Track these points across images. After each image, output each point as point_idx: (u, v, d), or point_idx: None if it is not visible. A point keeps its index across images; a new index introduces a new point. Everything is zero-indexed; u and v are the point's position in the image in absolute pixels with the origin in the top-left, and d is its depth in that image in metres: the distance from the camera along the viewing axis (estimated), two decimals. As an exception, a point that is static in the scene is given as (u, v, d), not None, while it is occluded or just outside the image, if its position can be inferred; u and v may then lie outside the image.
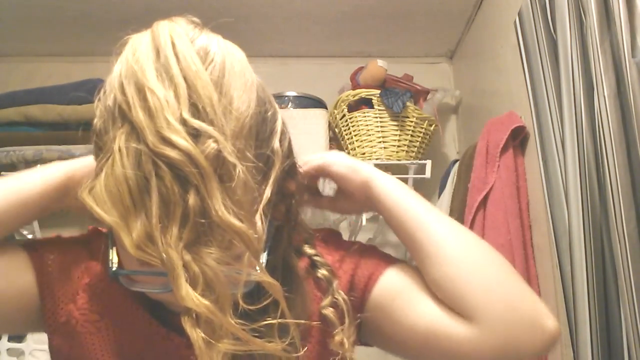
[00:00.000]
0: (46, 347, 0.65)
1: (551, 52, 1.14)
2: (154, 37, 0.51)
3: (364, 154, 1.81)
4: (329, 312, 0.64)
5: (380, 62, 1.83)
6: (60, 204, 0.63)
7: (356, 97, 1.82)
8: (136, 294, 0.62)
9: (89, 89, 2.06)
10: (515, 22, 1.31)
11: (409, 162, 1.79)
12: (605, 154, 0.94)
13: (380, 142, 1.80)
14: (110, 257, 0.54)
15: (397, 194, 0.68)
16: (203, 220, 0.44)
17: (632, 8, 0.92)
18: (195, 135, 0.45)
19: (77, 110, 1.80)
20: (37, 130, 1.84)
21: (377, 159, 1.78)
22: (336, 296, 0.65)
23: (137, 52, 0.50)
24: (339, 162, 0.71)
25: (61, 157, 1.77)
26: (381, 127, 1.81)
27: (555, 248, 1.11)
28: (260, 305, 0.49)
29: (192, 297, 0.43)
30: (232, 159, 0.46)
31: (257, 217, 0.49)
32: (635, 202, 0.89)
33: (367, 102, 1.82)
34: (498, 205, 1.35)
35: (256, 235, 0.47)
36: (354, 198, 0.72)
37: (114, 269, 0.53)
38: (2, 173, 1.85)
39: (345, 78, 1.94)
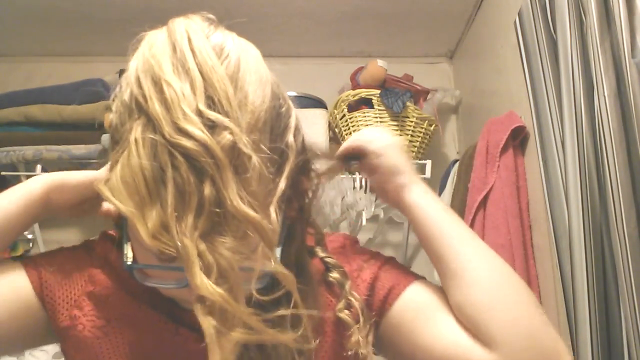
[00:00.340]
0: (46, 347, 0.65)
1: (551, 52, 1.14)
2: (170, 32, 0.51)
3: (364, 154, 1.81)
4: (344, 314, 0.63)
5: (380, 62, 1.83)
6: (45, 214, 0.64)
7: (356, 97, 1.82)
8: (143, 297, 0.62)
9: (88, 89, 2.06)
10: (515, 22, 1.31)
11: (408, 162, 1.79)
12: (605, 153, 0.94)
13: (380, 142, 1.80)
14: (125, 252, 0.54)
15: (429, 206, 0.67)
16: (218, 210, 0.44)
17: (632, 8, 0.92)
18: (211, 126, 0.45)
19: (77, 110, 1.80)
20: (37, 130, 1.84)
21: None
22: (349, 297, 0.64)
23: (153, 47, 0.50)
24: (379, 142, 0.71)
25: (61, 157, 1.77)
26: (381, 127, 1.81)
27: (555, 248, 1.11)
28: (273, 297, 0.49)
29: (206, 285, 0.43)
30: (247, 150, 0.46)
31: (272, 209, 0.49)
32: (635, 202, 0.89)
33: (367, 102, 1.82)
34: (498, 205, 1.35)
35: (270, 226, 0.47)
36: (387, 193, 0.71)
37: (128, 263, 0.53)
38: (2, 173, 1.86)
39: (345, 78, 1.94)
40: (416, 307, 0.65)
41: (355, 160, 0.74)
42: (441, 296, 0.65)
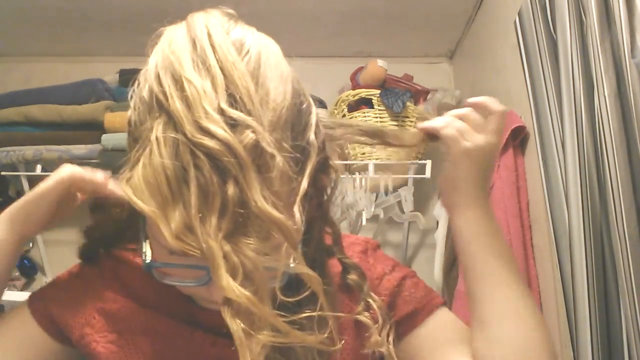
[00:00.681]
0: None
1: (551, 52, 1.14)
2: (189, 28, 0.51)
3: (364, 154, 1.81)
4: (363, 317, 0.63)
5: (380, 62, 1.83)
6: (23, 248, 0.64)
7: (356, 97, 1.82)
8: (155, 306, 0.63)
9: (88, 89, 2.06)
10: (515, 22, 1.31)
11: (409, 162, 1.79)
12: (605, 153, 0.94)
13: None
14: (144, 250, 0.53)
15: (475, 237, 0.63)
16: (242, 211, 0.43)
17: (632, 8, 0.92)
18: (233, 125, 0.45)
19: (76, 110, 1.80)
20: (37, 130, 1.84)
21: (377, 159, 1.78)
22: (368, 299, 0.64)
23: (173, 44, 0.50)
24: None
25: (61, 157, 1.77)
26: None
27: (555, 248, 1.11)
28: (298, 298, 0.49)
29: (232, 287, 0.42)
30: (270, 149, 0.45)
31: (295, 209, 0.48)
32: (635, 202, 0.89)
33: (367, 102, 1.82)
34: (498, 205, 1.35)
35: (295, 226, 0.47)
36: (444, 199, 0.69)
37: (147, 261, 0.53)
38: (2, 173, 1.86)
39: (345, 78, 1.94)
40: (439, 336, 0.65)
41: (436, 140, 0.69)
42: (463, 328, 0.65)
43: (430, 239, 1.88)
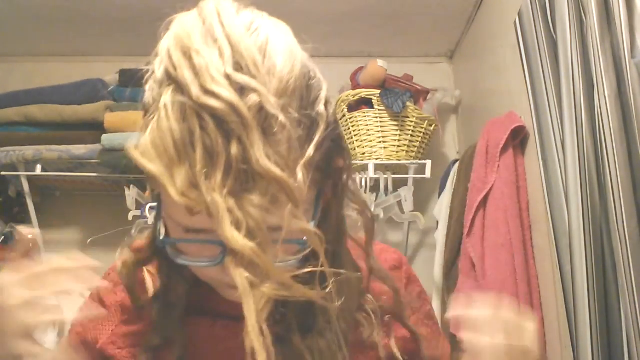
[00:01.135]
0: (46, 347, 0.65)
1: (551, 52, 1.14)
2: (200, 11, 0.52)
3: (364, 154, 1.81)
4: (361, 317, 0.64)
5: (380, 62, 1.83)
6: None
7: (356, 97, 1.82)
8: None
9: (88, 89, 2.06)
10: (515, 22, 1.31)
11: (409, 162, 1.79)
12: (605, 153, 0.94)
13: (380, 142, 1.80)
14: (158, 228, 0.55)
15: None
16: (245, 168, 0.45)
17: (632, 8, 0.92)
18: (239, 89, 0.46)
19: (76, 110, 1.80)
20: (37, 130, 1.84)
21: (377, 159, 1.78)
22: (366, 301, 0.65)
23: (183, 25, 0.51)
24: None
25: (61, 157, 1.77)
26: (381, 127, 1.81)
27: (555, 248, 1.11)
28: (300, 255, 0.50)
29: (236, 238, 0.43)
30: (274, 111, 0.46)
31: (299, 170, 0.49)
32: (636, 202, 0.89)
33: (367, 102, 1.82)
34: (498, 205, 1.35)
35: (296, 184, 0.47)
36: None
37: (161, 237, 0.54)
38: (2, 173, 1.86)
39: (345, 78, 1.94)
40: None
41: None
42: None
43: (430, 239, 1.88)
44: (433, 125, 1.87)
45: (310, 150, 0.50)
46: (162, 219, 0.54)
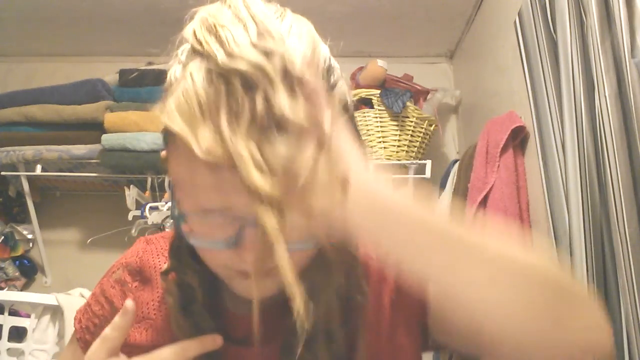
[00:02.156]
0: (46, 347, 0.65)
1: (551, 52, 1.14)
2: (224, 0, 0.54)
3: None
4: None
5: (380, 62, 1.83)
6: None
7: (356, 97, 1.82)
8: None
9: (88, 89, 2.06)
10: (515, 22, 1.31)
11: (409, 162, 1.79)
12: (606, 153, 0.94)
13: (380, 142, 1.81)
14: (173, 206, 0.55)
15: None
16: (270, 119, 0.45)
17: (632, 8, 0.92)
18: (264, 53, 0.47)
19: (76, 110, 1.80)
20: (37, 130, 1.84)
21: (377, 159, 1.78)
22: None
23: (208, 9, 0.53)
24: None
25: (61, 157, 1.77)
26: (381, 127, 1.81)
27: (555, 248, 1.11)
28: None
29: (263, 181, 0.43)
30: (298, 72, 0.47)
31: (324, 117, 0.49)
32: (636, 202, 0.89)
33: (367, 102, 1.82)
34: (498, 205, 1.35)
35: (323, 128, 0.47)
36: None
37: (176, 214, 0.54)
38: (2, 173, 1.86)
39: (345, 78, 1.94)
40: None
41: None
42: None
43: (430, 239, 1.88)
44: (433, 125, 1.87)
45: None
46: (177, 204, 0.54)
